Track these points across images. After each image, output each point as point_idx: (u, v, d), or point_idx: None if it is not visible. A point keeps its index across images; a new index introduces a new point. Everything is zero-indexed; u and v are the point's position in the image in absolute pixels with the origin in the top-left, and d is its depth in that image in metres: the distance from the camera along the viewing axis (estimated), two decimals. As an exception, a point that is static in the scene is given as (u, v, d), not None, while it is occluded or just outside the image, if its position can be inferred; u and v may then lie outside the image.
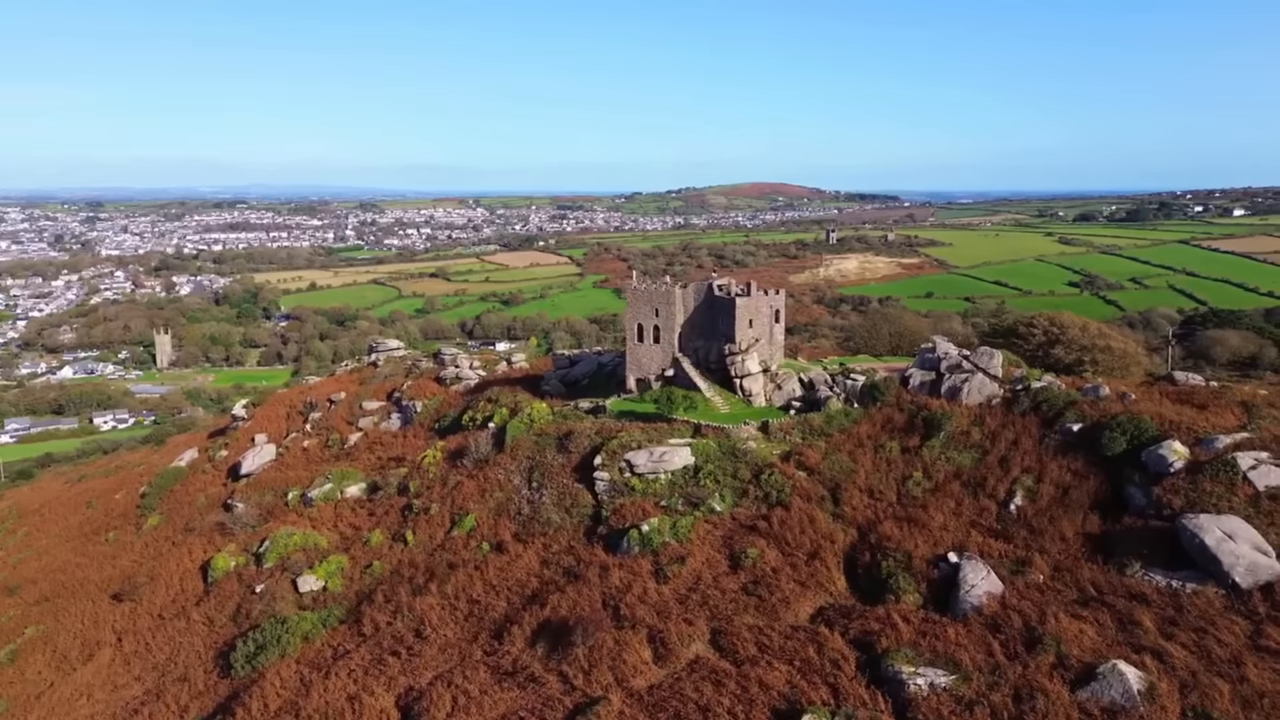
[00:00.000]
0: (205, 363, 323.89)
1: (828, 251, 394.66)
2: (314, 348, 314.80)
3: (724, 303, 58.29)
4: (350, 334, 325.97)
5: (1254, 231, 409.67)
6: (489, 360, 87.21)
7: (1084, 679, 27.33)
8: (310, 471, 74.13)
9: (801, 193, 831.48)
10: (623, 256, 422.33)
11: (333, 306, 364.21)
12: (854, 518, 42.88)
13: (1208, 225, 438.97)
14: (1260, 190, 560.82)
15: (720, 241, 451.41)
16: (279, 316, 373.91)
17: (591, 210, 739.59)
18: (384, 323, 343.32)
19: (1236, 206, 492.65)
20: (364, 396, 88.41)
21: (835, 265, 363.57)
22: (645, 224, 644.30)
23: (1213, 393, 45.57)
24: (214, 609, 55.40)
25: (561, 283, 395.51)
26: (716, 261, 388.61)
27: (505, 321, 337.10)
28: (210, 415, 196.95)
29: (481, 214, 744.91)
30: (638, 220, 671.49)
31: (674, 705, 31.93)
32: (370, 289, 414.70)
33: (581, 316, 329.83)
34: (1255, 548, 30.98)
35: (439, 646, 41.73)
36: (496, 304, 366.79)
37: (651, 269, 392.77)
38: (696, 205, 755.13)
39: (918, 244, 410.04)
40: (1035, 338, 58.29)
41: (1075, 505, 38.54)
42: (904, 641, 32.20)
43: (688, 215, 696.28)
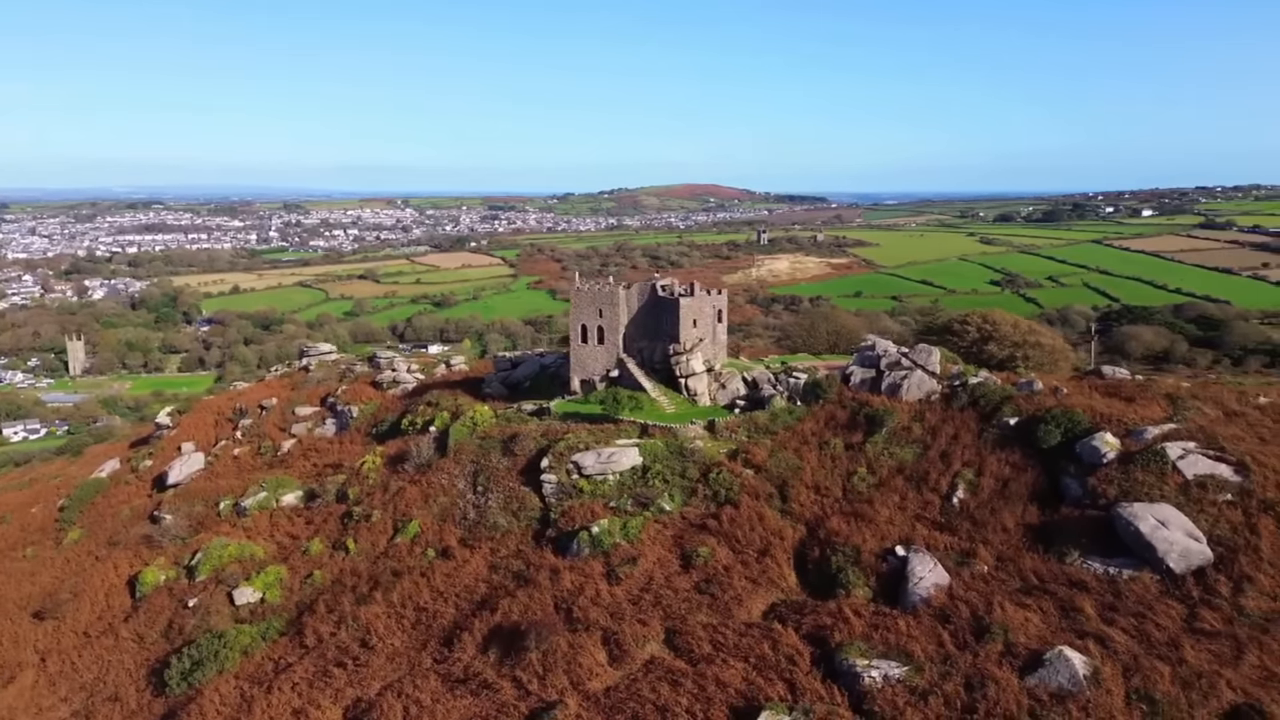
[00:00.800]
0: (122, 370, 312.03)
1: (759, 252, 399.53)
2: (239, 353, 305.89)
3: (668, 303, 58.46)
4: (277, 338, 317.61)
5: (1162, 231, 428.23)
6: (427, 363, 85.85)
7: (1032, 666, 28.10)
8: (243, 480, 71.96)
9: (733, 194, 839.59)
10: (557, 257, 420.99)
11: (257, 310, 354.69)
12: (802, 514, 43.39)
13: (1119, 225, 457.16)
14: (1166, 191, 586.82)
15: (654, 242, 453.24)
16: (201, 321, 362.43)
17: (524, 211, 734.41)
18: (312, 326, 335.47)
19: (1145, 207, 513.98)
20: (297, 402, 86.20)
21: (767, 265, 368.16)
22: (578, 224, 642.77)
23: (1139, 386, 47.46)
24: (144, 625, 53.28)
25: (495, 284, 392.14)
26: (651, 262, 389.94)
27: (438, 324, 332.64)
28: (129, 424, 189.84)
29: (411, 215, 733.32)
30: (570, 221, 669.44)
31: (631, 707, 31.82)
32: (296, 292, 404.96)
33: (516, 318, 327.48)
34: (1187, 534, 32.30)
35: (386, 656, 40.89)
36: (428, 306, 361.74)
37: (586, 270, 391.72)
38: (629, 206, 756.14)
39: (846, 244, 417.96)
40: (969, 335, 59.94)
41: (1015, 497, 39.69)
42: (856, 635, 32.68)
43: (621, 216, 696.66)
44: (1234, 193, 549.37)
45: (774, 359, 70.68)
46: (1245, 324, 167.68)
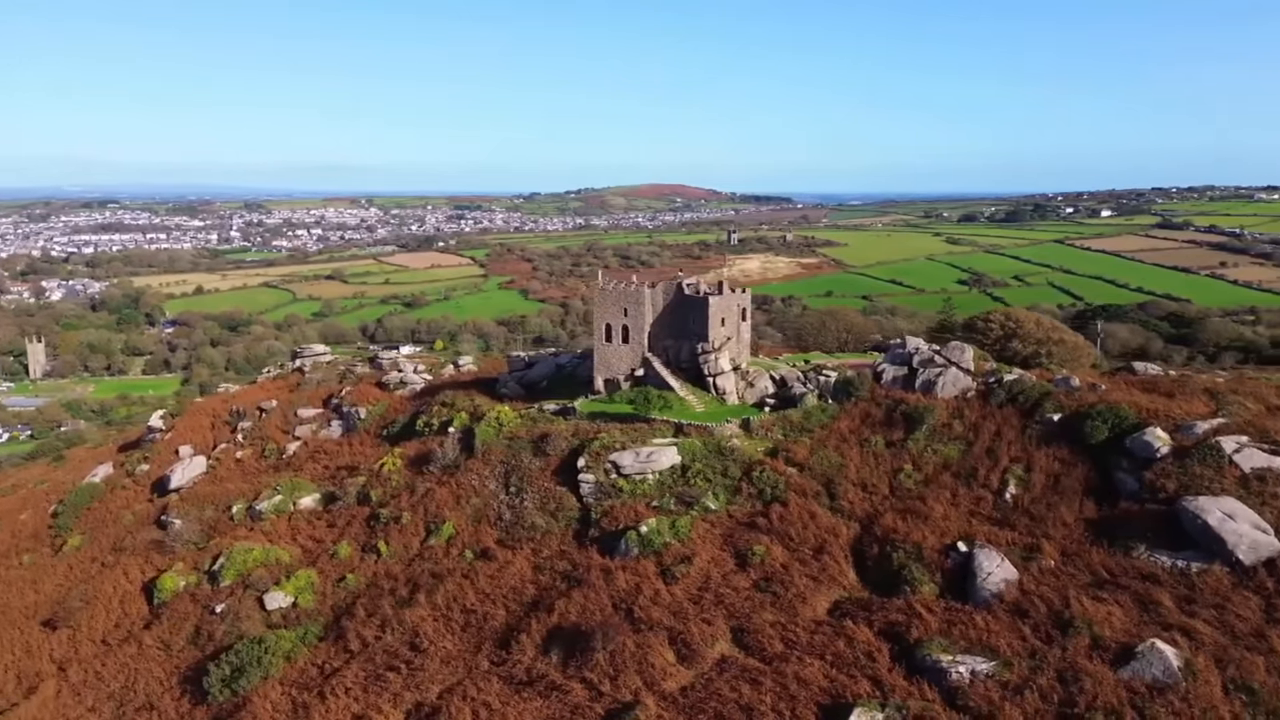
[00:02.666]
0: (84, 372, 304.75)
1: (730, 252, 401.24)
2: (205, 354, 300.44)
3: (695, 301, 58.45)
4: (245, 339, 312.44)
5: (1121, 231, 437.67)
6: (434, 364, 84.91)
7: (1123, 659, 28.50)
8: (250, 484, 70.64)
9: (699, 194, 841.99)
10: (527, 257, 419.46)
11: (223, 311, 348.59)
12: (852, 511, 43.62)
13: (1079, 225, 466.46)
14: (1124, 192, 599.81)
15: (625, 242, 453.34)
16: (165, 322, 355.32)
17: (490, 210, 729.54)
18: (280, 327, 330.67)
19: (1104, 208, 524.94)
20: (298, 404, 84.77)
21: (738, 265, 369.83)
22: (546, 224, 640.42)
23: (1176, 382, 48.45)
24: (168, 632, 52.02)
25: (465, 284, 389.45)
26: (622, 262, 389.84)
27: (409, 324, 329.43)
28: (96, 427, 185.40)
29: (375, 214, 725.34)
30: (538, 221, 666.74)
31: (713, 706, 31.74)
32: (262, 292, 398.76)
33: (489, 318, 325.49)
34: (1255, 526, 33.02)
35: (440, 659, 40.32)
36: (398, 306, 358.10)
37: (558, 270, 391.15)
38: (596, 206, 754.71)
39: (815, 244, 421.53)
40: (993, 332, 60.75)
41: (1068, 492, 40.26)
42: (934, 631, 32.91)
43: (588, 216, 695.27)
44: (1189, 193, 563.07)
45: (788, 357, 71.02)
46: (1217, 321, 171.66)
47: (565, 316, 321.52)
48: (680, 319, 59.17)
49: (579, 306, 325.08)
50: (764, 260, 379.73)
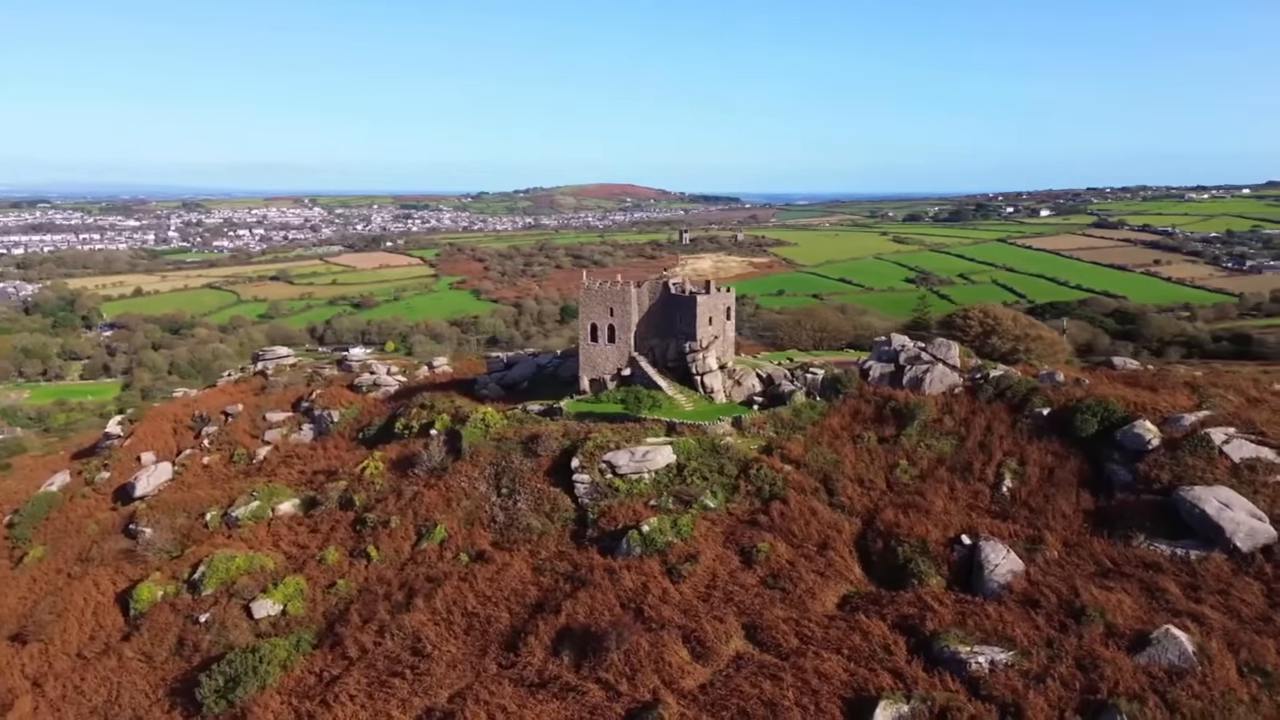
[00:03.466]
0: (19, 378, 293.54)
1: (682, 252, 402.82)
2: (147, 358, 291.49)
3: (682, 300, 58.63)
4: (188, 342, 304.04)
5: (1060, 230, 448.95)
6: (407, 365, 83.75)
7: (1138, 645, 29.36)
8: (220, 490, 69.06)
9: (649, 194, 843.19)
10: (478, 257, 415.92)
11: (165, 313, 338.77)
12: (852, 507, 44.21)
13: (1020, 225, 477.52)
14: (1061, 192, 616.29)
15: (577, 241, 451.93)
16: (103, 326, 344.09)
17: (437, 210, 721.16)
18: (225, 329, 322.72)
19: (1043, 207, 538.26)
20: (266, 407, 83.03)
21: (691, 265, 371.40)
22: (495, 224, 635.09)
23: (1156, 376, 50.08)
24: (149, 644, 50.50)
25: (415, 284, 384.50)
26: (575, 262, 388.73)
27: (359, 325, 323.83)
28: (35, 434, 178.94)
29: (319, 214, 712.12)
30: (486, 220, 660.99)
31: (735, 703, 31.89)
32: (205, 294, 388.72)
33: (441, 319, 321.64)
34: (1250, 514, 34.27)
35: (446, 664, 39.85)
36: (347, 307, 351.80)
37: (510, 269, 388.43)
38: (545, 205, 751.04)
39: (765, 244, 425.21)
40: (972, 329, 62.02)
41: (1063, 484, 41.33)
42: (948, 623, 33.55)
43: (537, 215, 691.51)
44: (1123, 193, 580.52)
45: (766, 356, 71.64)
46: (1159, 317, 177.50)
47: (519, 317, 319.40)
48: (666, 318, 59.30)
49: (533, 306, 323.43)
50: (716, 260, 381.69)
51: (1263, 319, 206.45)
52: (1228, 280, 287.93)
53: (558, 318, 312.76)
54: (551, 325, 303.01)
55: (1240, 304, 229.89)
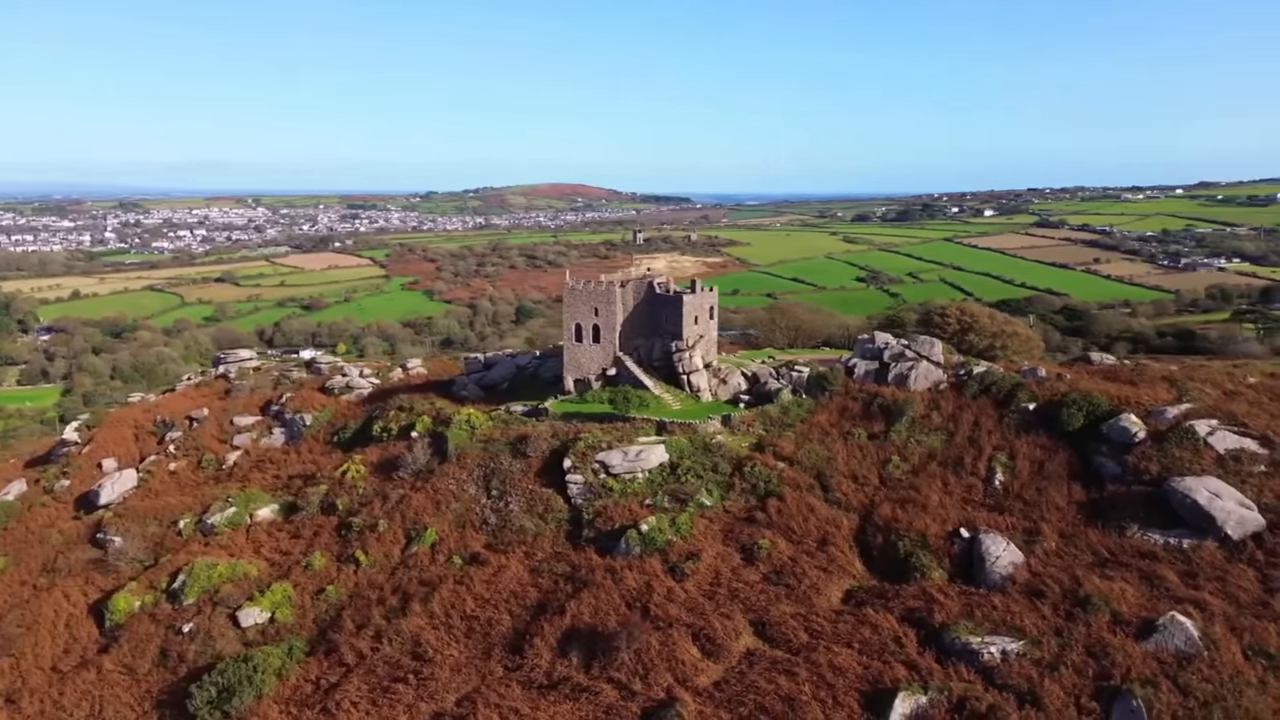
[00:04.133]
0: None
1: (636, 252, 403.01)
2: (88, 363, 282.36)
3: (668, 300, 58.81)
4: (131, 346, 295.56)
5: (1003, 230, 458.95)
6: (380, 368, 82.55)
7: (1145, 632, 30.30)
8: (192, 497, 67.38)
9: (600, 194, 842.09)
10: (430, 257, 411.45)
11: (105, 316, 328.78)
12: (848, 503, 44.81)
13: (965, 225, 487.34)
14: (1003, 193, 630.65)
15: (530, 242, 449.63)
16: (40, 330, 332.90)
17: (386, 210, 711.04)
18: (169, 332, 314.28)
19: (986, 207, 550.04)
20: (233, 411, 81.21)
21: (645, 264, 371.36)
22: (445, 224, 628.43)
23: (1134, 370, 51.64)
24: (130, 655, 49.07)
25: (366, 285, 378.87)
26: (529, 261, 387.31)
27: (309, 327, 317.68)
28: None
29: (263, 214, 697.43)
30: (436, 220, 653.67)
31: (751, 699, 32.15)
32: (146, 296, 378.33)
33: (394, 320, 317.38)
34: (1239, 503, 35.56)
35: (450, 667, 39.47)
36: (296, 309, 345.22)
37: (462, 270, 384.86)
38: (496, 205, 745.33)
39: (719, 244, 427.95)
40: (950, 326, 63.24)
41: (1054, 477, 42.43)
42: (956, 614, 34.22)
43: (488, 215, 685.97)
44: (1062, 194, 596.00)
45: (744, 354, 72.17)
46: (1107, 313, 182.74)
47: (474, 317, 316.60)
48: (652, 318, 59.42)
49: (487, 307, 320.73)
50: (670, 260, 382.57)
51: (1199, 315, 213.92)
52: (1164, 277, 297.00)
53: (513, 318, 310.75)
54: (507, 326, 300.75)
55: (1177, 300, 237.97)
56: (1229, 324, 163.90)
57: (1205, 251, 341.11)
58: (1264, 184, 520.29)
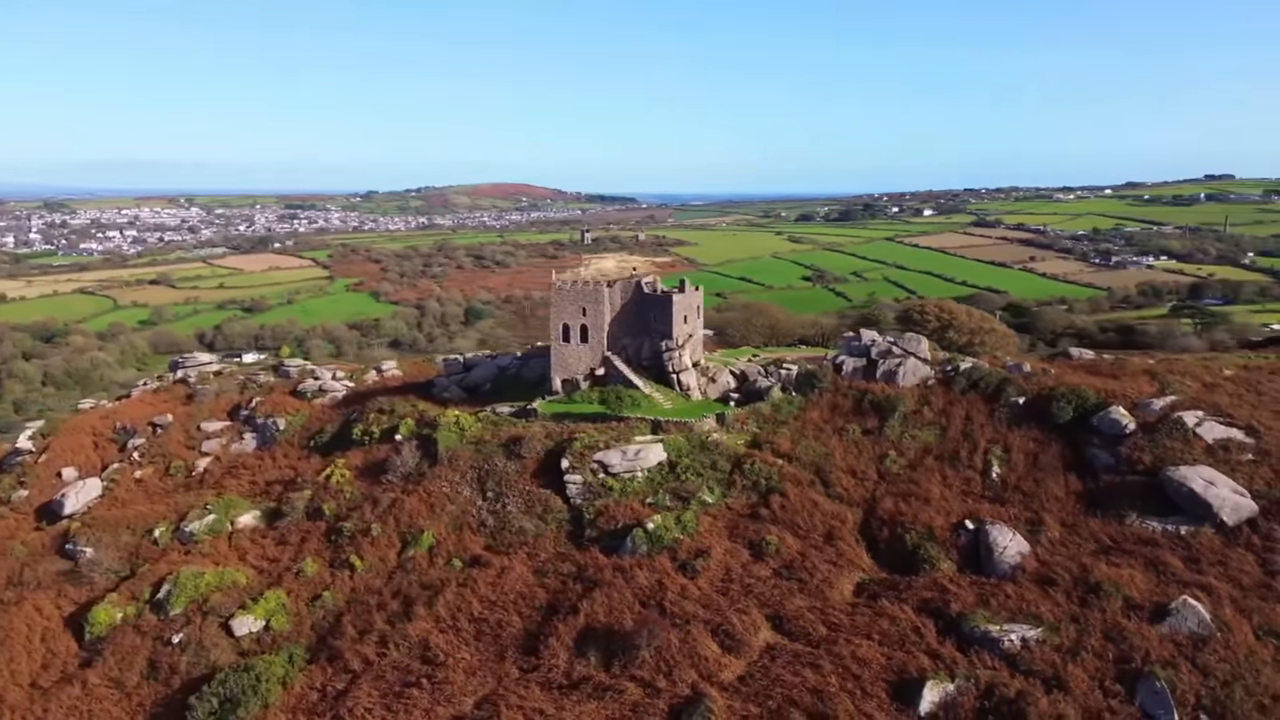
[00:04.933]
0: None
1: (585, 252, 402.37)
2: (18, 369, 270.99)
3: (657, 299, 59.06)
4: (63, 351, 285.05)
5: (943, 229, 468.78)
6: (354, 370, 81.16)
7: (1159, 616, 31.52)
8: (164, 505, 65.51)
9: (545, 194, 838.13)
10: (374, 258, 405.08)
11: (34, 320, 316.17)
12: (849, 498, 45.61)
13: (906, 224, 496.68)
14: (941, 193, 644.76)
15: (476, 242, 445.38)
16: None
17: (325, 210, 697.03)
18: (103, 337, 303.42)
19: (925, 207, 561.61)
20: (199, 417, 79.20)
21: (595, 264, 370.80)
22: (387, 224, 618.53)
23: (1114, 364, 53.50)
24: (116, 669, 47.62)
25: (310, 287, 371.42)
26: (476, 262, 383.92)
27: (251, 330, 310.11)
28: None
29: (197, 214, 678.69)
30: (378, 220, 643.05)
31: (779, 692, 32.62)
32: (77, 299, 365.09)
33: (339, 322, 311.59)
34: (1233, 490, 37.19)
35: (463, 671, 39.17)
36: (238, 311, 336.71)
37: (409, 270, 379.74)
38: (439, 205, 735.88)
39: (667, 244, 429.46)
40: (930, 323, 64.69)
41: (1049, 469, 43.78)
42: (971, 604, 35.13)
43: (431, 215, 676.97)
44: (997, 194, 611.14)
45: (723, 353, 72.79)
46: (1051, 310, 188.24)
47: (421, 319, 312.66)
48: (640, 317, 59.62)
49: (435, 308, 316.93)
50: (619, 259, 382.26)
51: (1132, 310, 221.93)
52: (1097, 275, 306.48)
53: (462, 319, 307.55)
54: (456, 327, 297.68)
55: (1110, 297, 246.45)
56: (1167, 319, 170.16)
57: (1134, 250, 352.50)
58: (1186, 184, 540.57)
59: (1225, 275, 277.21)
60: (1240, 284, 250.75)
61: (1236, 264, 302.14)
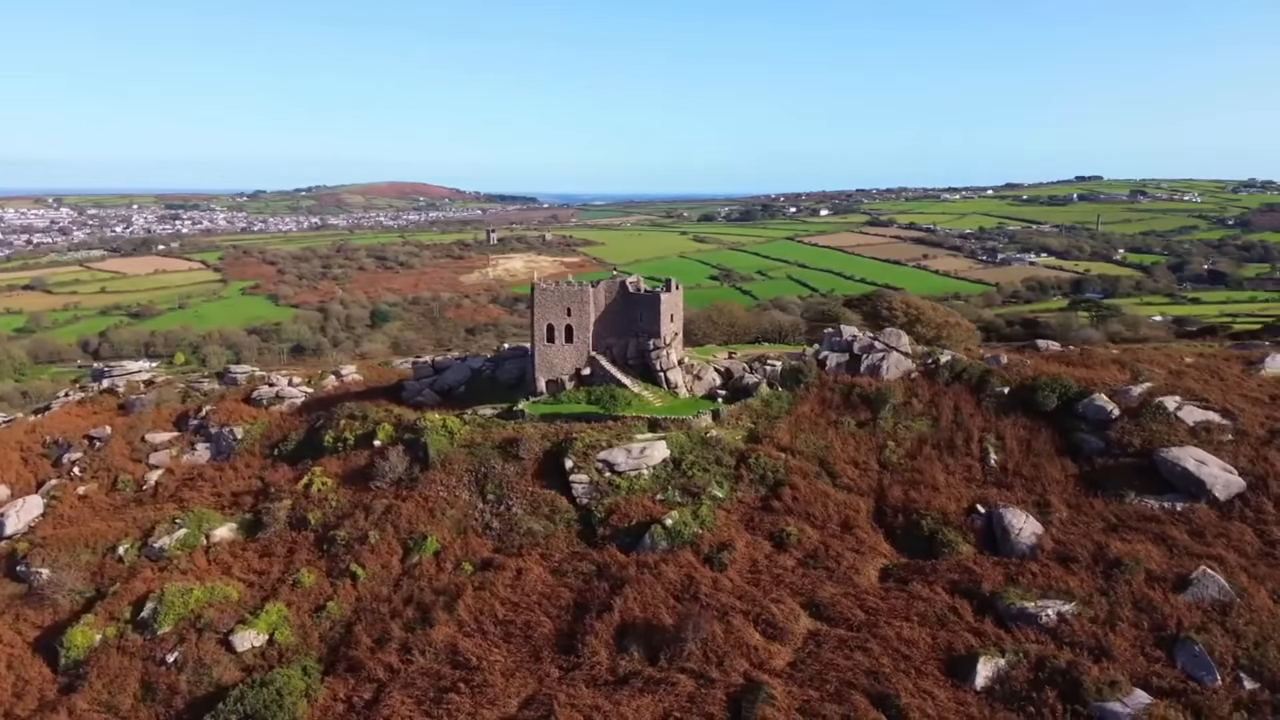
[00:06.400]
0: None
1: (491, 252, 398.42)
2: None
3: (643, 298, 59.56)
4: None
5: (839, 229, 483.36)
6: (311, 375, 78.43)
7: (1181, 586, 34.11)
8: (118, 520, 62.20)
9: (442, 193, 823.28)
10: (269, 260, 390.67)
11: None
12: (857, 488, 47.27)
13: (804, 224, 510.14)
14: (835, 193, 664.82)
15: (377, 242, 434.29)
16: None
17: (210, 209, 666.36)
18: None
19: (821, 207, 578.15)
20: (142, 428, 75.33)
21: (502, 265, 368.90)
22: (277, 224, 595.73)
23: (1080, 354, 56.97)
24: (105, 693, 45.19)
25: (201, 291, 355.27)
26: (379, 263, 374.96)
27: (140, 337, 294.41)
28: None
29: (68, 214, 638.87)
30: (267, 220, 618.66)
31: (834, 676, 33.75)
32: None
33: (237, 327, 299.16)
34: (1223, 468, 40.44)
35: (501, 673, 38.92)
36: (124, 318, 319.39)
37: (307, 272, 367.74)
38: (332, 205, 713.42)
39: (574, 243, 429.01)
40: (898, 319, 67.27)
41: (1043, 454, 46.46)
42: (1001, 583, 37.13)
43: (324, 215, 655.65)
44: (888, 194, 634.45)
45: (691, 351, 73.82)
46: (959, 304, 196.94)
47: (325, 322, 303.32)
48: (625, 317, 60.01)
49: (339, 310, 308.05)
50: (527, 259, 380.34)
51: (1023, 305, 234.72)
52: (984, 272, 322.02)
53: (368, 321, 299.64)
54: (362, 330, 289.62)
55: (1000, 292, 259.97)
56: (1065, 313, 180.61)
57: (1017, 247, 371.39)
58: (1060, 185, 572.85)
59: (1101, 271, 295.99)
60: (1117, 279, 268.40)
61: (1109, 260, 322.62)
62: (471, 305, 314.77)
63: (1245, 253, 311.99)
